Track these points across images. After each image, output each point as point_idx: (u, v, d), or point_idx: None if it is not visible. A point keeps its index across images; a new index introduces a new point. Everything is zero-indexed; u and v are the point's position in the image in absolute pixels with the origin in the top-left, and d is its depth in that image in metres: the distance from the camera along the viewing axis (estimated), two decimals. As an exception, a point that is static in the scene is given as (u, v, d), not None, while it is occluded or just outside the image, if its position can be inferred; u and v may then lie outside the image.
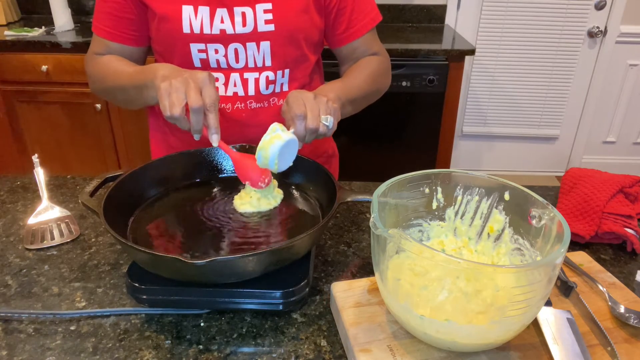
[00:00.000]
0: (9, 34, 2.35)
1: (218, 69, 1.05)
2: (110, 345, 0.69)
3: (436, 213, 0.78)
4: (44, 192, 0.98)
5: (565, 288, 0.75)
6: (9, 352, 0.68)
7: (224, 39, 1.02)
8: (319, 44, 1.15)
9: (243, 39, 1.02)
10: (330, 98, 0.90)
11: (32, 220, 0.95)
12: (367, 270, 0.85)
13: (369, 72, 1.13)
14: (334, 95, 0.94)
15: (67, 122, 2.49)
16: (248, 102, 1.08)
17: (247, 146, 0.97)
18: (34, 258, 0.87)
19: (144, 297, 0.73)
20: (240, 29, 1.01)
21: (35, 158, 0.97)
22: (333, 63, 1.21)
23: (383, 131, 2.54)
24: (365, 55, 1.16)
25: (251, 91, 1.07)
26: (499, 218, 0.74)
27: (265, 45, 1.03)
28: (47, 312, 0.74)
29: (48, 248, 0.90)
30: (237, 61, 1.05)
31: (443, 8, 2.90)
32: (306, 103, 0.85)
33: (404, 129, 2.54)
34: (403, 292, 0.64)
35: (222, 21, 1.00)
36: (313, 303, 0.77)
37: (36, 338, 0.70)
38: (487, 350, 0.63)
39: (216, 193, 0.94)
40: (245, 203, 0.88)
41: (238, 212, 0.87)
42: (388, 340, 0.65)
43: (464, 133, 3.23)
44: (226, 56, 1.03)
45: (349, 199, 0.81)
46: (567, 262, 0.82)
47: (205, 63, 1.04)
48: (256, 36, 1.02)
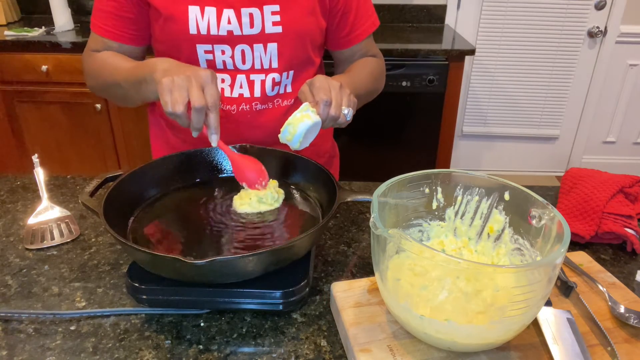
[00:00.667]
0: (9, 34, 2.35)
1: (224, 70, 1.04)
2: (110, 345, 0.69)
3: (436, 213, 0.78)
4: (44, 192, 0.98)
5: (565, 288, 0.75)
6: (9, 352, 0.68)
7: (231, 40, 1.01)
8: (322, 46, 1.15)
9: (250, 40, 1.01)
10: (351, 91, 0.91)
11: (32, 220, 0.95)
12: (367, 270, 0.85)
13: (370, 71, 1.14)
14: (351, 88, 0.93)
15: (67, 122, 2.49)
16: (253, 104, 1.08)
17: (248, 146, 0.97)
18: (34, 258, 0.87)
19: (144, 297, 0.73)
20: (247, 30, 1.00)
21: (35, 158, 0.97)
22: (329, 63, 1.21)
23: (383, 131, 2.54)
24: (363, 57, 1.17)
25: (257, 93, 1.07)
26: (499, 218, 0.74)
27: (272, 47, 1.03)
28: (47, 312, 0.74)
29: (48, 248, 0.90)
30: (244, 62, 1.04)
31: (443, 8, 2.90)
32: (332, 90, 0.86)
33: (404, 129, 2.54)
34: (403, 292, 0.64)
35: (229, 22, 0.99)
36: (313, 303, 0.77)
37: (36, 338, 0.70)
38: (487, 350, 0.63)
39: (216, 193, 0.94)
40: (245, 203, 0.88)
41: (238, 212, 0.87)
42: (388, 340, 0.65)
43: (464, 133, 3.23)
44: (233, 57, 1.03)
45: (349, 199, 0.81)
46: (567, 262, 0.82)
47: (211, 64, 1.03)
48: (263, 38, 1.01)
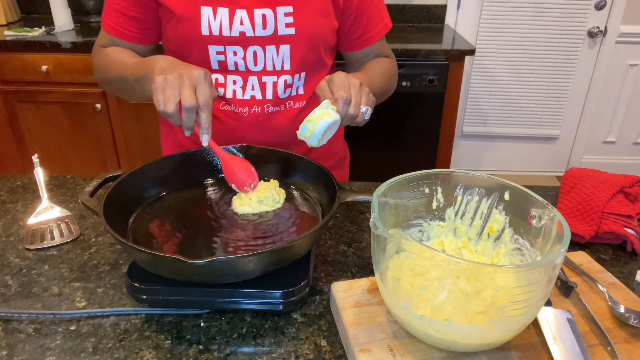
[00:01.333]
0: (9, 34, 2.35)
1: (236, 72, 1.03)
2: (110, 345, 0.69)
3: (436, 213, 0.78)
4: (44, 192, 0.98)
5: (565, 288, 0.75)
6: (9, 352, 0.67)
7: (243, 42, 1.00)
8: (334, 48, 1.14)
9: (262, 42, 1.00)
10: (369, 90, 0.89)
11: (32, 220, 0.95)
12: (367, 270, 0.85)
13: (384, 71, 1.13)
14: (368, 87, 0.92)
15: (67, 122, 2.49)
16: (265, 106, 1.06)
17: (248, 146, 0.97)
18: (34, 258, 0.87)
19: (144, 297, 0.73)
20: (260, 32, 0.99)
21: (35, 158, 0.97)
22: (339, 63, 1.20)
23: (383, 131, 2.54)
24: (376, 58, 1.16)
25: (269, 95, 1.05)
26: (499, 218, 0.74)
27: (284, 48, 1.01)
28: (47, 312, 0.74)
29: (48, 248, 0.89)
30: (256, 64, 1.03)
31: (443, 8, 2.90)
32: (352, 88, 0.84)
33: (404, 129, 2.54)
34: (403, 292, 0.64)
35: (242, 23, 0.98)
36: (313, 303, 0.77)
37: (36, 338, 0.70)
38: (487, 350, 0.63)
39: (216, 193, 0.94)
40: (244, 204, 0.88)
41: (238, 213, 0.87)
42: (388, 340, 0.65)
43: (464, 133, 3.23)
44: (245, 59, 1.01)
45: (349, 199, 0.81)
46: (567, 262, 0.82)
47: (223, 65, 1.02)
48: (276, 39, 1.00)
